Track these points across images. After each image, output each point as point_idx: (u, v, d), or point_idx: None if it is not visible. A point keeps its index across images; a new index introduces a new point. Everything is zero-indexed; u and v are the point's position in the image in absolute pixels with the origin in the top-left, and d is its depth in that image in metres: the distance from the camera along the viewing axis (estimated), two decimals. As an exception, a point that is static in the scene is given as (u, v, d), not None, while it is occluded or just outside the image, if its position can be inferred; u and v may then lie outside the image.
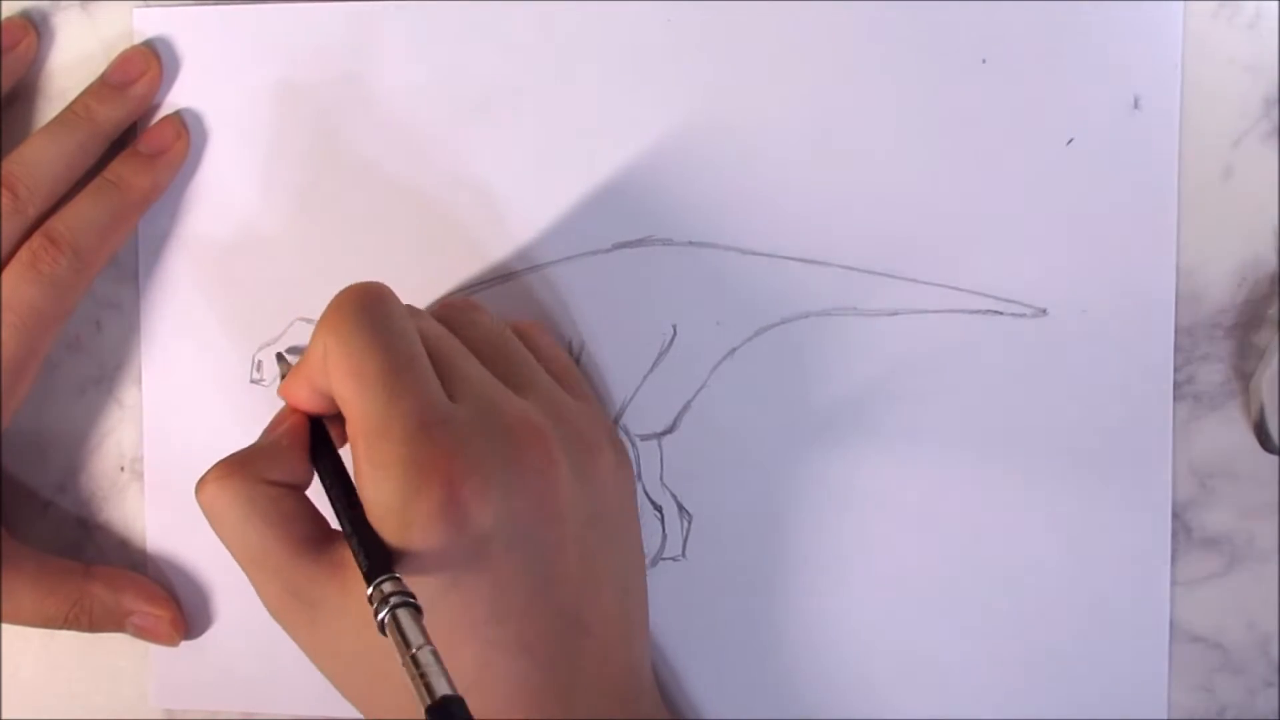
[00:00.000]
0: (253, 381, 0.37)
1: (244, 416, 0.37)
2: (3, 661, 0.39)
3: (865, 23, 0.33)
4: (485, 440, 0.28)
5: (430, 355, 0.30)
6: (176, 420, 0.37)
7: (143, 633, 0.37)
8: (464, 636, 0.28)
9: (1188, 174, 0.33)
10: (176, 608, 0.37)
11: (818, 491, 0.34)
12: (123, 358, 0.38)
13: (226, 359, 0.37)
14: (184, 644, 0.37)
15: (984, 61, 0.33)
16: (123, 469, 0.38)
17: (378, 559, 0.27)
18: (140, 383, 0.38)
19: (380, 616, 0.25)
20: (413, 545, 0.27)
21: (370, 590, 0.26)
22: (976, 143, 0.33)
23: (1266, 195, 0.33)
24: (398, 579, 0.26)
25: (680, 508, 0.35)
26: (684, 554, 0.35)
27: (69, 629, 0.36)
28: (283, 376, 0.33)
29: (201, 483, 0.30)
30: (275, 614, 0.30)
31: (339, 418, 0.30)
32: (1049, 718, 0.34)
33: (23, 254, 0.34)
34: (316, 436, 0.31)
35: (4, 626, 0.39)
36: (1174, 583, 0.33)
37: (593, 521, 0.30)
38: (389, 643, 0.27)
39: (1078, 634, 0.33)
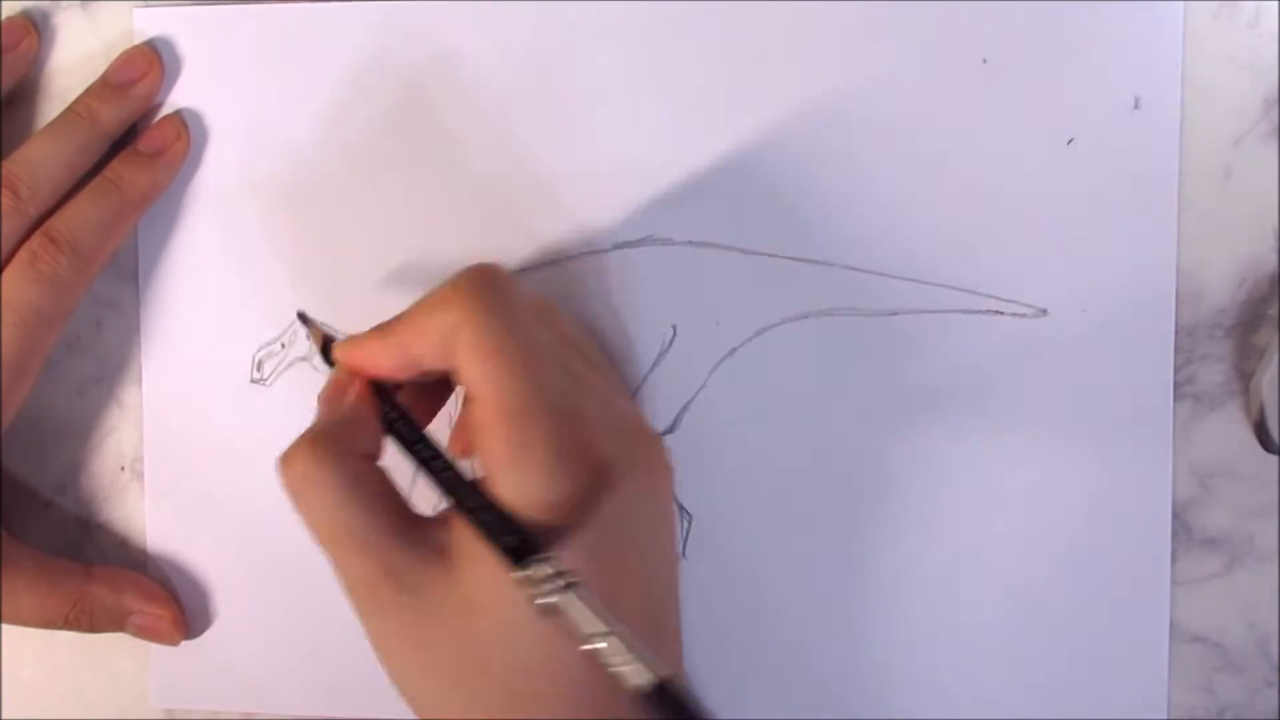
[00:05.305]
0: (253, 381, 0.37)
1: (244, 416, 0.37)
2: (3, 661, 0.39)
3: (865, 23, 0.33)
4: (615, 433, 0.28)
5: None
6: (176, 420, 0.37)
7: (143, 632, 0.37)
8: None
9: (1188, 174, 0.33)
10: (177, 607, 0.37)
11: (817, 492, 0.34)
12: (123, 358, 0.38)
13: (226, 359, 0.37)
14: (184, 644, 0.37)
15: (984, 61, 0.33)
16: (123, 469, 0.38)
17: (529, 540, 0.26)
18: (140, 383, 0.38)
19: (549, 599, 0.24)
20: (554, 526, 0.26)
21: (529, 571, 0.25)
22: (976, 143, 0.33)
23: (1266, 195, 0.33)
24: (551, 558, 0.25)
25: (680, 508, 0.35)
26: (684, 554, 0.35)
27: (69, 629, 0.36)
28: (318, 341, 0.31)
29: (287, 459, 0.27)
30: (359, 597, 0.28)
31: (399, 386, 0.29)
32: (1050, 718, 0.34)
33: (23, 254, 0.34)
34: (387, 408, 0.29)
35: (4, 626, 0.39)
36: (1174, 583, 0.33)
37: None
38: (497, 632, 0.26)
39: (1078, 634, 0.33)
